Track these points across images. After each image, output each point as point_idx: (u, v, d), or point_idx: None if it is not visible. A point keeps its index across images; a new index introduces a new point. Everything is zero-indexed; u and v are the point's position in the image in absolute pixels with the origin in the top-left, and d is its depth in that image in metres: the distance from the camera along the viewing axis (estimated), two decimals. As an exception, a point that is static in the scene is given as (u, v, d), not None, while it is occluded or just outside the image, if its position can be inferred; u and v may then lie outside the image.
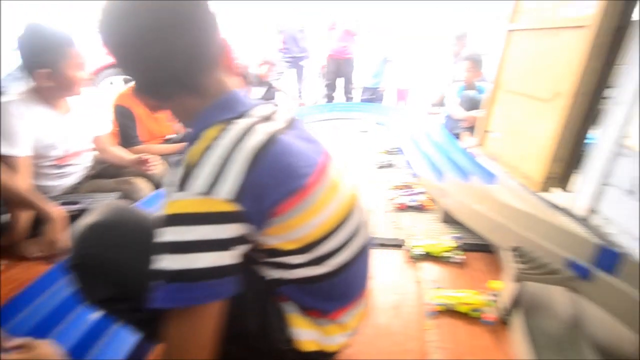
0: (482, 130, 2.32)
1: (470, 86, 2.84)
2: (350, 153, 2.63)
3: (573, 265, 0.89)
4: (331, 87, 4.47)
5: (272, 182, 0.51)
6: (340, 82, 4.46)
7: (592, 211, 1.56)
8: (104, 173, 1.62)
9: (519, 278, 0.91)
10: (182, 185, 0.49)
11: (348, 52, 4.17)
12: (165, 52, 0.53)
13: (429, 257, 1.27)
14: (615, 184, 1.43)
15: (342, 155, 2.56)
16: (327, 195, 0.59)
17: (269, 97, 3.90)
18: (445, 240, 1.30)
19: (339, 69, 4.27)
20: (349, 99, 4.51)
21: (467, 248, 1.30)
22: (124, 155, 1.57)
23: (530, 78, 1.78)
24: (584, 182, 1.59)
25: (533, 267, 0.94)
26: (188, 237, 0.47)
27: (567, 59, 1.47)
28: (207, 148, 0.51)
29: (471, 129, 2.66)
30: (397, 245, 1.34)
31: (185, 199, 0.48)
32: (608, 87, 1.48)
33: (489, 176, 1.95)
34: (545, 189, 1.74)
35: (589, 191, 1.55)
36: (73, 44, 1.18)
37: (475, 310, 1.00)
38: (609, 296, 0.83)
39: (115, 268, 0.58)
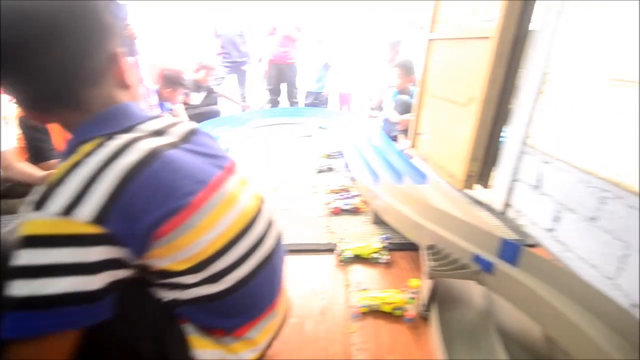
0: (414, 133, 2.45)
1: (404, 91, 2.98)
2: (291, 158, 2.62)
3: (478, 260, 0.96)
4: (274, 92, 4.45)
5: (147, 203, 0.49)
6: (284, 87, 4.46)
7: (507, 205, 1.71)
8: (10, 193, 1.46)
9: (432, 275, 0.96)
10: (40, 204, 0.45)
11: (289, 57, 4.18)
12: (37, 66, 0.49)
13: (358, 259, 1.30)
14: (523, 179, 1.58)
15: (280, 160, 2.55)
16: (219, 210, 0.57)
17: (210, 102, 3.79)
18: (373, 241, 1.34)
19: (281, 74, 4.27)
20: (293, 103, 4.52)
21: (393, 248, 1.35)
22: (32, 172, 1.43)
23: (449, 84, 1.92)
24: (498, 179, 1.74)
25: (445, 263, 1.00)
26: (40, 261, 0.43)
27: (477, 67, 1.60)
28: (76, 164, 0.48)
29: (406, 131, 2.80)
30: (329, 249, 1.36)
31: (41, 219, 0.44)
32: (513, 92, 1.63)
33: (421, 176, 2.05)
34: (467, 186, 1.87)
35: (503, 187, 1.70)
36: None
37: (397, 308, 1.04)
38: (509, 287, 0.91)
39: None
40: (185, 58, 3.91)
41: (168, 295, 0.58)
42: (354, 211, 1.69)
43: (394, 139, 3.10)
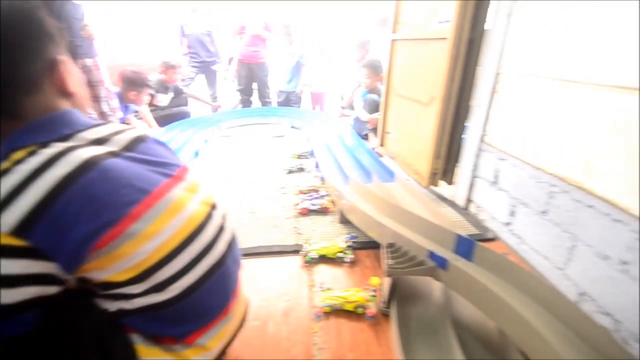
0: (382, 132, 2.49)
1: (373, 90, 3.02)
2: (262, 159, 2.61)
3: (433, 256, 0.99)
4: (246, 92, 4.40)
5: (79, 215, 0.47)
6: (256, 87, 4.42)
7: (469, 201, 1.77)
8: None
9: (390, 273, 0.98)
10: None
11: (260, 56, 4.15)
12: None
13: (323, 259, 1.31)
14: (482, 176, 1.64)
15: (251, 161, 2.53)
16: (163, 218, 0.56)
17: (179, 103, 3.70)
18: (339, 241, 1.36)
19: (251, 73, 4.23)
20: (265, 103, 4.48)
21: (358, 247, 1.37)
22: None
23: (412, 83, 1.96)
24: (460, 176, 1.80)
25: (403, 261, 1.02)
26: None
27: (436, 67, 1.65)
28: (4, 172, 0.46)
29: (376, 130, 2.84)
30: (295, 251, 1.36)
31: None
32: (472, 91, 1.68)
33: (389, 174, 2.09)
34: (433, 183, 1.92)
35: (464, 183, 1.76)
36: None
37: (359, 307, 1.06)
38: (462, 282, 0.94)
39: None
40: (150, 58, 3.80)
41: (113, 306, 0.57)
42: (322, 211, 1.70)
43: (365, 137, 3.14)
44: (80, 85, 0.63)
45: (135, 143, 0.63)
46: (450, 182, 1.92)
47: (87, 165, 0.50)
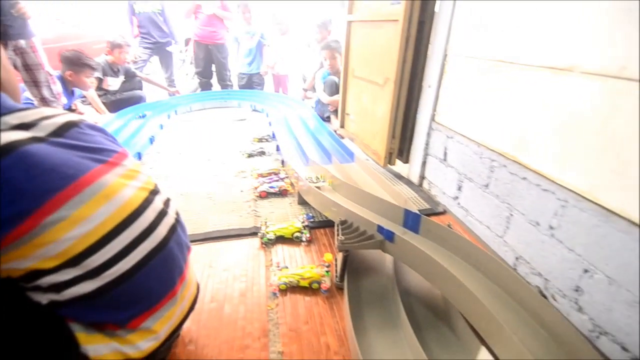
0: (342, 113, 2.52)
1: (336, 72, 3.02)
2: (222, 143, 2.56)
3: (381, 230, 1.04)
4: (204, 74, 4.25)
5: None
6: (215, 70, 4.27)
7: (422, 178, 1.85)
8: None
9: (341, 247, 1.02)
10: None
11: (218, 37, 3.99)
12: None
13: (281, 240, 1.33)
14: (433, 154, 1.71)
15: (213, 145, 2.48)
16: (92, 204, 0.55)
17: (132, 87, 3.51)
18: (296, 221, 1.39)
19: (209, 55, 4.07)
20: (226, 86, 4.36)
21: (315, 226, 1.41)
22: None
23: (368, 65, 1.98)
24: (414, 154, 1.87)
25: (354, 236, 1.07)
26: None
27: (390, 49, 1.68)
28: None
29: (337, 112, 2.85)
30: (253, 233, 1.37)
31: None
32: (424, 73, 1.73)
33: (349, 155, 2.13)
34: (389, 162, 1.99)
35: (418, 161, 1.83)
36: None
37: (314, 282, 1.10)
38: (407, 252, 1.00)
39: None
40: (96, 38, 3.54)
41: (43, 298, 0.56)
42: (282, 193, 1.72)
43: (327, 119, 3.16)
44: (6, 68, 0.59)
45: (65, 128, 0.60)
46: (406, 161, 1.99)
47: (3, 151, 0.48)
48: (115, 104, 3.22)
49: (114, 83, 3.20)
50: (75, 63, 2.46)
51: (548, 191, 1.06)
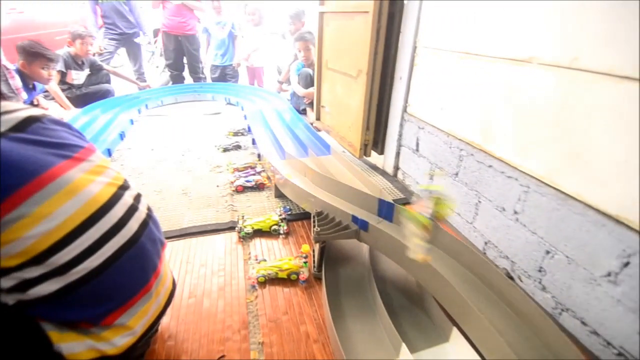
0: (318, 106, 2.52)
1: (311, 64, 3.00)
2: (196, 138, 2.51)
3: (356, 220, 1.07)
4: (175, 66, 4.11)
5: None
6: (187, 62, 4.15)
7: (397, 168, 1.89)
8: None
9: (317, 238, 1.04)
10: None
11: (188, 27, 3.87)
12: None
13: (258, 233, 1.34)
14: (406, 144, 1.75)
15: (184, 141, 2.43)
16: (56, 201, 0.54)
17: (99, 81, 3.36)
18: (273, 214, 1.39)
19: (180, 46, 3.95)
20: (198, 79, 4.24)
21: (292, 219, 1.42)
22: None
23: (341, 57, 1.99)
24: (388, 146, 1.91)
25: (330, 227, 1.09)
26: None
27: (362, 40, 1.69)
28: None
29: (312, 104, 2.85)
30: (230, 227, 1.37)
31: None
32: (395, 65, 1.76)
33: (326, 148, 2.14)
34: (365, 154, 2.02)
35: (392, 152, 1.87)
36: None
37: (292, 273, 1.11)
38: (381, 241, 1.04)
39: None
40: (59, 28, 3.35)
41: (9, 298, 0.55)
42: (258, 187, 1.72)
43: (303, 112, 3.16)
44: None
45: (26, 123, 0.59)
46: (381, 152, 2.03)
47: None
48: (81, 98, 3.07)
49: (78, 77, 3.05)
50: (30, 53, 2.29)
51: (512, 178, 1.12)
